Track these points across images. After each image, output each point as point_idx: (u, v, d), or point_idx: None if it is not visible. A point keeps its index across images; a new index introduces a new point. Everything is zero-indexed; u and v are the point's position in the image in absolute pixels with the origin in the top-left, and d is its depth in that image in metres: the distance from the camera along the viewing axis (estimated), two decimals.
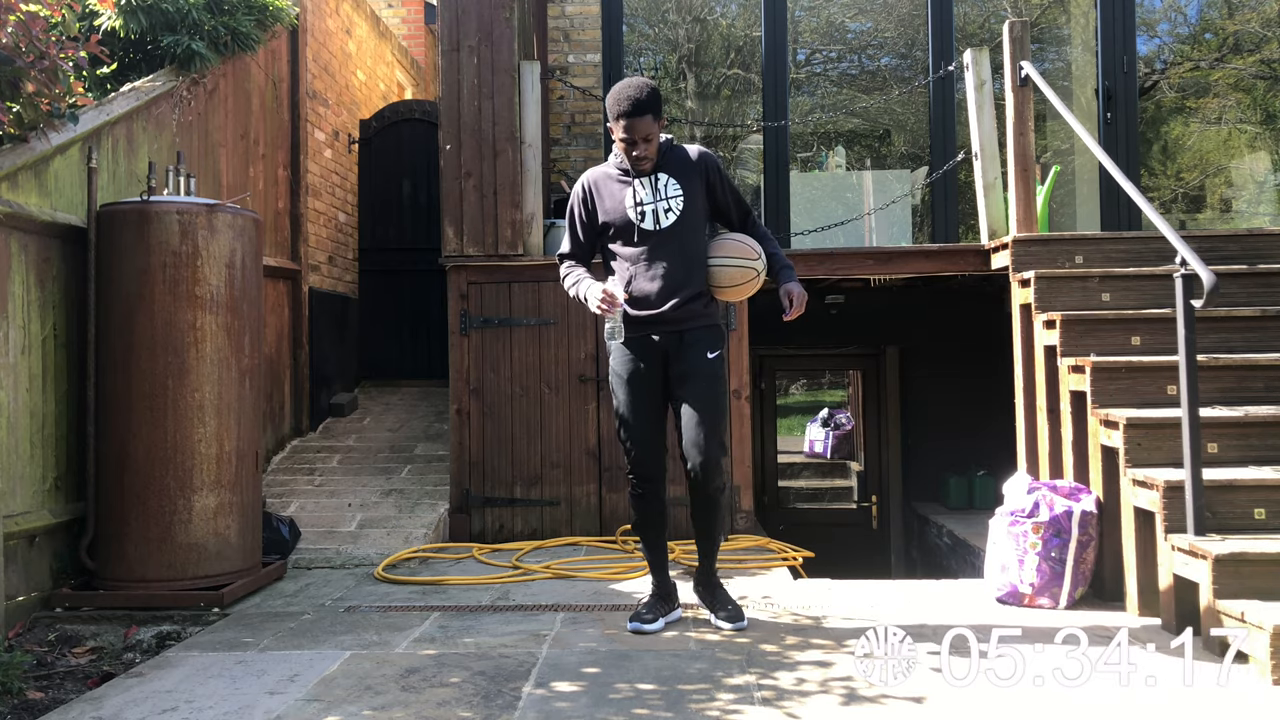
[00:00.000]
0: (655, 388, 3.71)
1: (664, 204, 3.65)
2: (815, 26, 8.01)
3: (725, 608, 3.77)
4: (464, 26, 5.63)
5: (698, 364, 3.65)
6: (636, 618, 3.73)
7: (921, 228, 7.39)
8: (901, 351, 8.22)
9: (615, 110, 3.59)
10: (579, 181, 3.82)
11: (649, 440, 3.70)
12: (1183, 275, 3.53)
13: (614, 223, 3.71)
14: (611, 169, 3.77)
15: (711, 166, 3.73)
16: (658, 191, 3.66)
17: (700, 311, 3.69)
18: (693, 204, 3.66)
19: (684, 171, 3.69)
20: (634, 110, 3.55)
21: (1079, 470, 4.24)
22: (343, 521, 5.40)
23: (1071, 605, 3.94)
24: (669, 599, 3.85)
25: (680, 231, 3.65)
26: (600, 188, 3.75)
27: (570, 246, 3.84)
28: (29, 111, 4.02)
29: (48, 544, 4.12)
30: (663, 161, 3.69)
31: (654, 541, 3.83)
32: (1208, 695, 2.96)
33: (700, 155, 3.74)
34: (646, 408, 3.70)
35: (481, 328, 5.57)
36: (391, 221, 7.87)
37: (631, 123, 3.55)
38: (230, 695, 3.08)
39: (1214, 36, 7.91)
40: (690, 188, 3.67)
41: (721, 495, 3.71)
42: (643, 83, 3.61)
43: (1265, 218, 7.63)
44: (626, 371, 3.71)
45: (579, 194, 3.79)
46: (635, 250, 3.68)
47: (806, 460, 11.55)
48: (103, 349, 4.21)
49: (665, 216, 3.65)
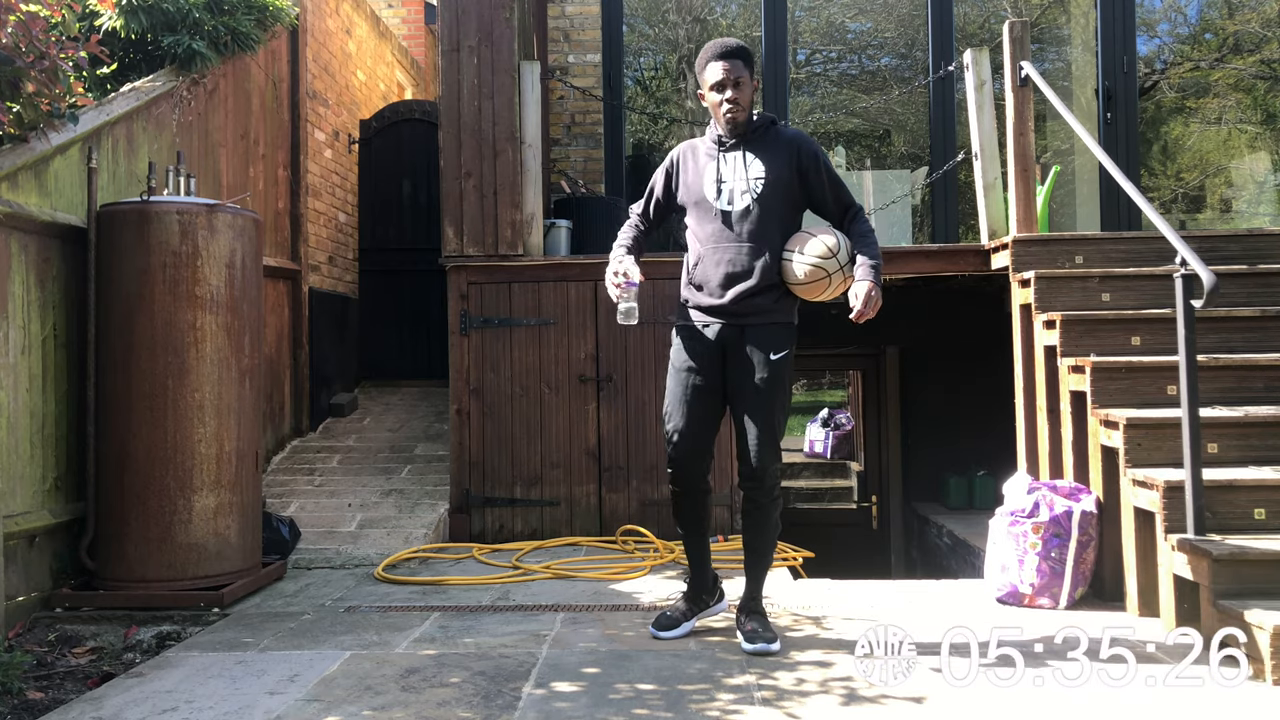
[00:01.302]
0: (707, 383, 3.45)
1: (743, 184, 3.41)
2: (815, 26, 8.01)
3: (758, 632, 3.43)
4: (464, 26, 5.63)
5: (758, 365, 3.38)
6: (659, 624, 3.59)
7: (921, 228, 7.40)
8: (901, 351, 8.22)
9: (710, 54, 3.43)
10: (673, 150, 3.64)
11: (689, 438, 3.45)
12: (1183, 275, 3.53)
13: (691, 196, 3.51)
14: (703, 142, 3.56)
15: (806, 151, 3.46)
16: (741, 170, 3.42)
17: (767, 306, 3.41)
18: (775, 188, 3.41)
19: (773, 152, 3.45)
20: (730, 53, 3.41)
21: (1079, 470, 4.24)
22: (343, 521, 5.40)
23: (1071, 605, 3.94)
24: (696, 603, 3.66)
25: (755, 216, 3.40)
26: (688, 159, 3.56)
27: (641, 204, 3.67)
28: (29, 111, 4.02)
29: (48, 544, 4.12)
30: (755, 138, 3.47)
31: (692, 539, 3.61)
32: (1208, 695, 2.96)
33: (795, 136, 3.51)
34: (693, 404, 3.44)
35: (481, 328, 5.57)
36: (391, 221, 7.87)
37: (729, 63, 3.39)
38: (230, 695, 3.08)
39: (1214, 36, 7.91)
40: (776, 170, 3.42)
41: (775, 506, 3.46)
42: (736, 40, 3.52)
43: (1265, 218, 7.63)
44: (679, 362, 3.48)
45: (668, 162, 3.61)
46: (707, 230, 3.46)
47: (806, 460, 11.56)
48: (103, 349, 4.21)
49: (741, 198, 3.41)
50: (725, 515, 5.36)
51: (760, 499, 3.44)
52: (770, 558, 3.60)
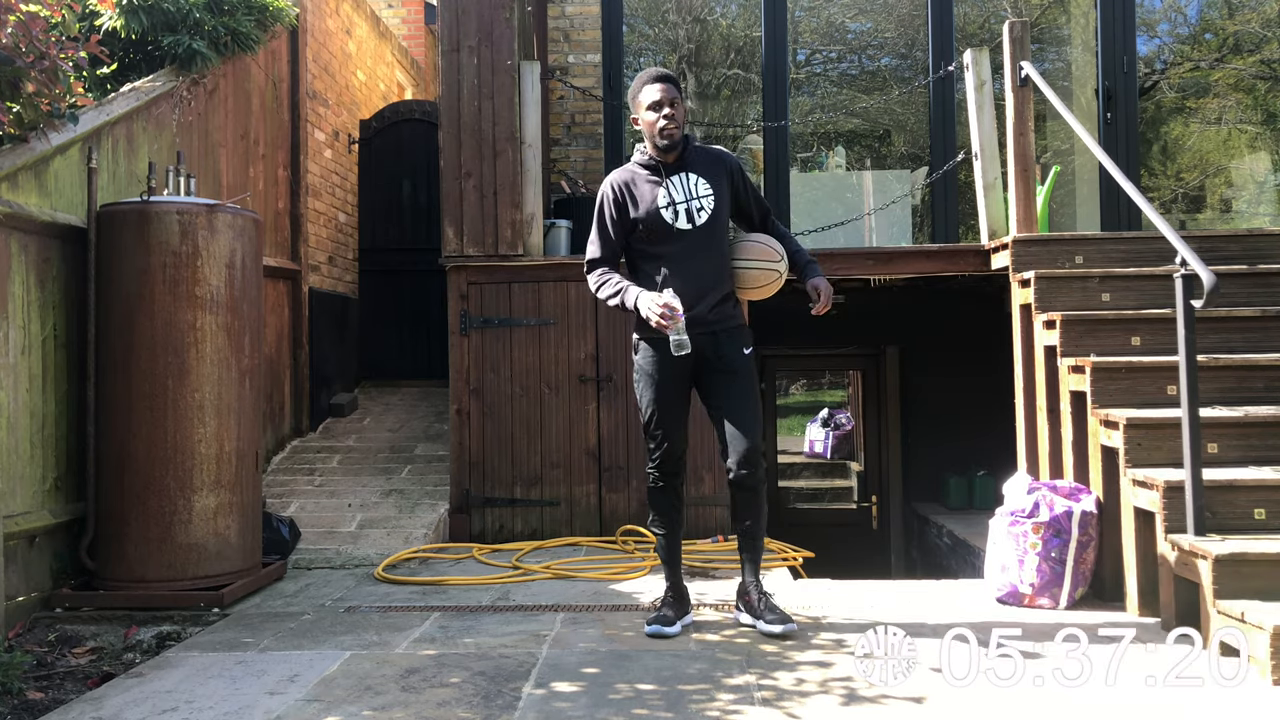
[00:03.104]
0: (684, 387, 3.74)
1: (696, 203, 3.67)
2: (815, 26, 8.01)
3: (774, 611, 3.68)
4: (464, 26, 5.63)
5: (735, 362, 3.68)
6: (659, 621, 3.67)
7: (921, 228, 7.39)
8: (901, 351, 8.22)
9: (646, 78, 3.73)
10: (606, 183, 3.79)
11: (676, 437, 3.72)
12: (1183, 275, 3.53)
13: (646, 222, 3.68)
14: (637, 169, 3.77)
15: (735, 167, 3.79)
16: (689, 190, 3.68)
17: (730, 312, 3.73)
18: (721, 203, 3.70)
19: (712, 171, 3.73)
20: (664, 78, 3.73)
21: (1079, 470, 4.24)
22: (343, 522, 5.40)
23: (1071, 605, 3.94)
24: (685, 600, 3.82)
25: (712, 231, 3.67)
26: (630, 187, 3.74)
27: (601, 250, 3.77)
28: (29, 111, 4.02)
29: (48, 544, 4.12)
30: (691, 160, 3.73)
31: (671, 539, 3.80)
32: (1207, 695, 2.96)
33: (725, 155, 3.82)
34: (675, 406, 3.72)
35: (481, 328, 5.57)
36: (391, 221, 7.87)
37: (662, 86, 3.69)
38: (230, 695, 3.08)
39: (1214, 37, 7.91)
40: (719, 187, 3.71)
41: (763, 488, 3.71)
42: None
43: (1265, 218, 7.63)
44: (657, 370, 3.70)
45: (609, 195, 3.75)
46: (667, 250, 3.65)
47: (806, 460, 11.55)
48: (103, 349, 4.21)
49: (699, 215, 3.66)
50: (725, 515, 5.36)
51: (755, 483, 3.66)
52: (763, 541, 3.88)
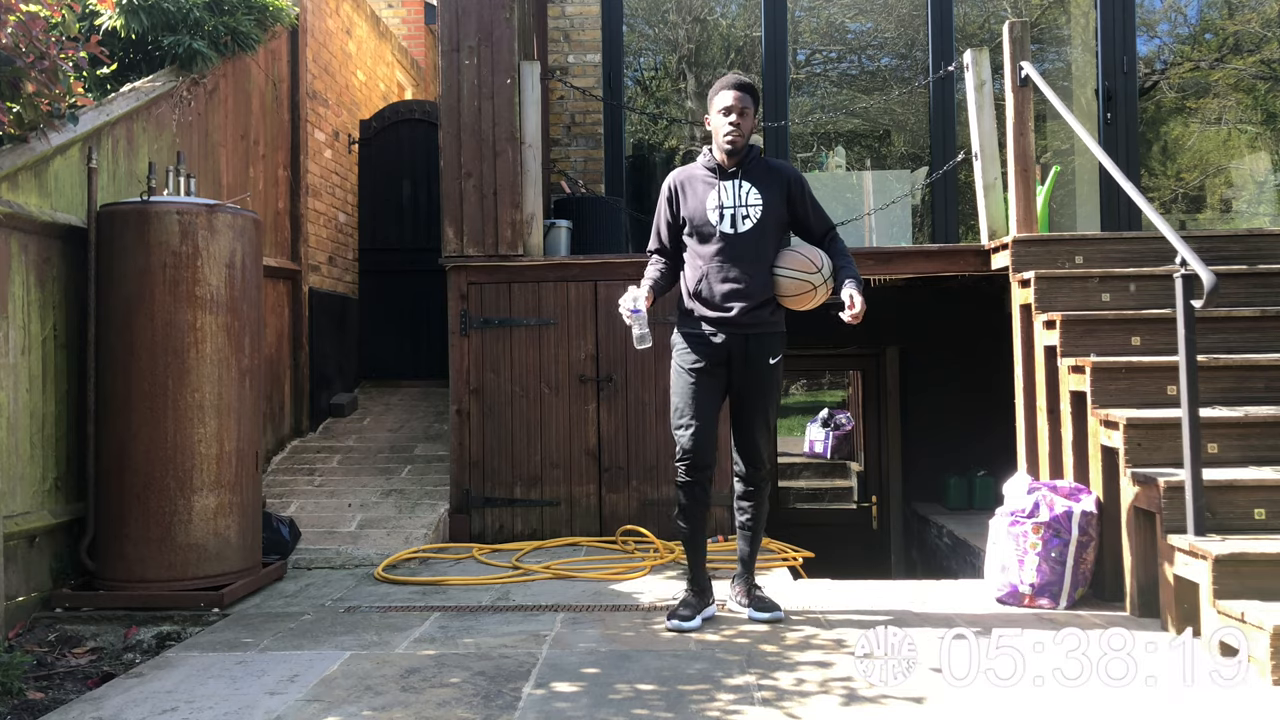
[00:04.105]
0: (717, 384, 3.84)
1: (743, 210, 3.79)
2: (815, 27, 8.01)
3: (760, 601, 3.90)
4: (464, 27, 5.63)
5: (762, 370, 3.81)
6: (675, 615, 3.75)
7: (921, 228, 7.40)
8: (901, 351, 8.22)
9: (725, 83, 3.83)
10: (667, 179, 3.97)
11: (705, 432, 3.80)
12: (1183, 275, 3.53)
13: (694, 221, 3.85)
14: (699, 169, 3.91)
15: (794, 180, 3.88)
16: (739, 197, 3.80)
17: (766, 318, 3.82)
18: (770, 214, 3.80)
19: (767, 182, 3.84)
20: (742, 85, 3.83)
21: (1079, 470, 4.24)
22: (343, 522, 5.40)
23: (1071, 605, 3.94)
24: (706, 594, 3.90)
25: (754, 239, 3.78)
26: (686, 186, 3.90)
27: (655, 242, 4.01)
28: (29, 111, 4.01)
29: (48, 544, 4.12)
30: (749, 169, 3.84)
31: (696, 535, 3.88)
32: (1207, 695, 2.96)
33: (786, 168, 3.93)
34: (706, 402, 3.81)
35: (481, 328, 5.57)
36: (391, 221, 7.87)
37: (739, 94, 3.80)
38: (230, 695, 3.08)
39: (1214, 37, 7.91)
40: (771, 198, 3.81)
41: (767, 489, 3.94)
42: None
43: (1265, 218, 7.63)
44: (687, 363, 3.83)
45: (667, 191, 3.93)
46: (710, 250, 3.81)
47: (806, 460, 11.56)
48: (103, 349, 4.21)
49: (742, 223, 3.79)
50: (725, 515, 5.36)
51: (761, 485, 3.90)
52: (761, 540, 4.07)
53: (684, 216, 3.87)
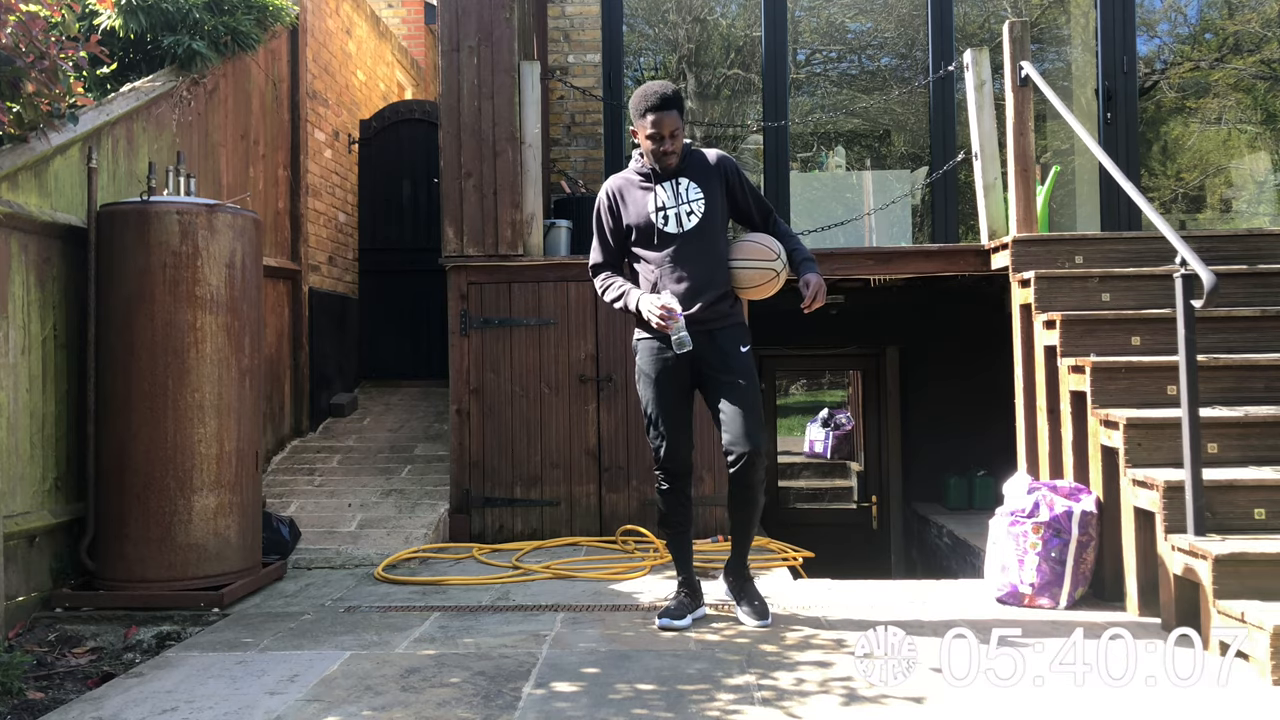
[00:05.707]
0: (684, 386, 3.79)
1: (685, 207, 3.73)
2: (815, 26, 8.01)
3: (752, 602, 3.82)
4: (464, 26, 5.63)
5: (733, 360, 3.72)
6: (667, 614, 3.76)
7: (921, 228, 7.39)
8: (901, 351, 8.22)
9: (643, 106, 3.68)
10: (601, 190, 3.89)
11: (679, 437, 3.78)
12: (1183, 275, 3.53)
13: (638, 227, 3.78)
14: (632, 175, 3.84)
15: (730, 169, 3.81)
16: (679, 195, 3.74)
17: (727, 311, 3.77)
18: (713, 206, 3.74)
19: (704, 175, 3.77)
20: (662, 105, 3.66)
21: (1079, 470, 4.24)
22: (343, 522, 5.40)
23: (1071, 605, 3.94)
24: (697, 595, 3.89)
25: (702, 234, 3.72)
26: (623, 194, 3.83)
27: (601, 255, 3.91)
28: (29, 111, 4.01)
29: (48, 544, 4.12)
30: (683, 165, 3.77)
31: (681, 538, 3.88)
32: (1208, 695, 2.96)
33: (719, 158, 3.82)
34: (676, 406, 3.78)
35: (481, 328, 5.57)
36: (391, 221, 7.87)
37: (660, 117, 3.65)
38: (230, 695, 3.08)
39: (1214, 36, 7.91)
40: (711, 190, 3.75)
41: (762, 486, 3.77)
42: (667, 82, 3.79)
43: (1265, 218, 7.63)
44: (656, 371, 3.78)
45: (603, 202, 3.86)
46: (659, 254, 3.75)
47: (806, 460, 11.55)
48: (103, 349, 4.21)
49: (688, 219, 3.72)
50: (725, 515, 5.34)
51: (754, 479, 3.69)
52: (754, 532, 3.97)
53: (627, 224, 3.80)
